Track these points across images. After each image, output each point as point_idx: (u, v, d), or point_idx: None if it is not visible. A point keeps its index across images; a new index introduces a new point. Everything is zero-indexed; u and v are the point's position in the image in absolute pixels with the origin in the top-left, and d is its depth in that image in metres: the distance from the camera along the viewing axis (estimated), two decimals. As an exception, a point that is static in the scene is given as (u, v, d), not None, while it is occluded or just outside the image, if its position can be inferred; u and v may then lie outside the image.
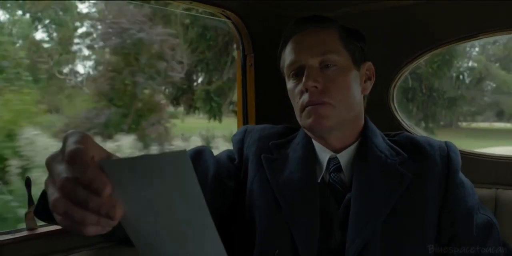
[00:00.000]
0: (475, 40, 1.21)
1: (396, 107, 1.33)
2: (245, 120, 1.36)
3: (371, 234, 0.82)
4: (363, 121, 0.95)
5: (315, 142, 0.94)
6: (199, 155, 0.91)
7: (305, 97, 0.87)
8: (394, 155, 0.90)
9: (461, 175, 0.91)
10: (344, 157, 0.91)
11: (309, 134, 0.95)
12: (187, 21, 7.76)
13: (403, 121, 1.33)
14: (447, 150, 0.90)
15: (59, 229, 0.89)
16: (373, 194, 0.85)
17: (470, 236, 0.86)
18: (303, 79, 0.87)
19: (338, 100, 0.87)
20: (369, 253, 0.81)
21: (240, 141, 1.00)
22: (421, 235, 0.85)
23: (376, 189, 0.86)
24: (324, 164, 0.91)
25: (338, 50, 0.89)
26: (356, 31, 0.95)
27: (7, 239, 0.82)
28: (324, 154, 0.92)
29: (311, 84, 0.86)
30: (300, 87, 0.89)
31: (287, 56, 0.93)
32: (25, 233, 0.86)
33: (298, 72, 0.90)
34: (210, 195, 0.86)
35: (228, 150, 1.02)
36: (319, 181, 0.90)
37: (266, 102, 1.37)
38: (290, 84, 0.93)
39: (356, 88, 0.91)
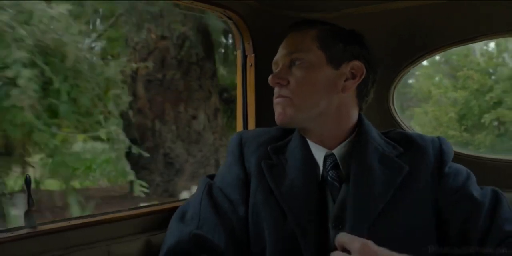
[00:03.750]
0: (475, 42, 1.22)
1: (396, 109, 1.34)
2: (245, 120, 1.36)
3: (369, 226, 0.83)
4: (353, 119, 0.96)
5: (310, 142, 0.95)
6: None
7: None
8: (390, 148, 0.93)
9: (454, 164, 0.92)
10: (339, 152, 0.92)
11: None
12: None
13: (403, 123, 1.33)
14: (439, 143, 0.93)
15: (58, 228, 0.89)
16: (370, 185, 0.86)
17: (481, 207, 0.84)
18: None
19: (297, 95, 0.90)
20: None
21: (240, 156, 0.98)
22: (419, 224, 0.86)
23: (375, 180, 0.87)
24: (321, 162, 0.92)
25: (309, 49, 0.92)
26: (346, 32, 0.97)
27: (6, 237, 0.82)
28: (319, 153, 0.93)
29: (274, 80, 0.93)
30: None
31: None
32: (24, 231, 0.85)
33: None
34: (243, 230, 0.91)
35: (236, 169, 0.97)
36: (319, 180, 0.90)
37: (266, 103, 1.36)
38: None
39: (326, 86, 0.91)
